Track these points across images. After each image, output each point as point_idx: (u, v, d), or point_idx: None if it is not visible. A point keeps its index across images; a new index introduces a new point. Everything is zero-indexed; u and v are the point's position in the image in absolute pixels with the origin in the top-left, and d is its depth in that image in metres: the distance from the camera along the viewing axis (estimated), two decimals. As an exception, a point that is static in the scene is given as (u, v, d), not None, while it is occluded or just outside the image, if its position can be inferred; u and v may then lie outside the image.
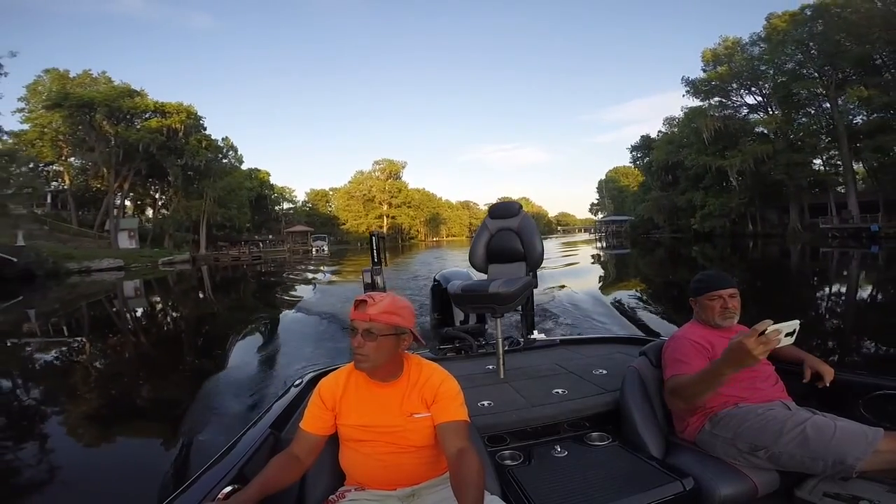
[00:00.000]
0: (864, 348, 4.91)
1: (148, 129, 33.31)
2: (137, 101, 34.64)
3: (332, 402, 1.19)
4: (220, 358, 5.43)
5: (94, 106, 31.78)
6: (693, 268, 14.67)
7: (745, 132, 28.25)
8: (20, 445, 3.46)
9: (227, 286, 17.95)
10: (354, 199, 69.74)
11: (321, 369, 2.17)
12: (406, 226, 72.14)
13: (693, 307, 1.69)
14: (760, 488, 1.28)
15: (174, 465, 2.72)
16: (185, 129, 35.46)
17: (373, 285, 3.70)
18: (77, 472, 3.00)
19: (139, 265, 26.49)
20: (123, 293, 15.91)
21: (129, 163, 34.20)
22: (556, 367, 2.39)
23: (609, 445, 1.60)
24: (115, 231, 32.95)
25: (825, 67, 25.55)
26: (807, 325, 4.19)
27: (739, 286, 1.63)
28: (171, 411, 3.83)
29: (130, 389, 4.74)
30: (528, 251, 2.58)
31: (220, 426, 3.29)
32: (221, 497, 1.05)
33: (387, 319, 1.11)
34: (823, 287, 10.06)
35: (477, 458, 1.04)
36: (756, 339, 1.16)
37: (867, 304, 7.38)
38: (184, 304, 12.74)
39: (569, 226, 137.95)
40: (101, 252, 27.19)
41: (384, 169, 71.92)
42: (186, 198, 37.33)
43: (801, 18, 26.11)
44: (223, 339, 6.73)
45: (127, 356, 6.35)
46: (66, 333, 8.41)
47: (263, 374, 4.60)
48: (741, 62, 28.77)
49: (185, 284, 19.31)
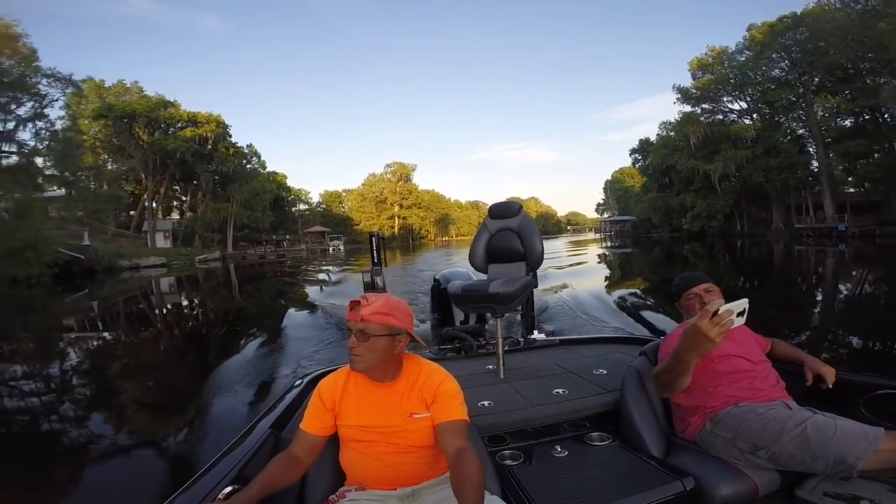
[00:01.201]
0: (807, 331, 5.73)
1: (183, 138, 36.57)
2: (172, 111, 38.03)
3: (332, 403, 1.20)
4: (273, 327, 7.24)
5: (134, 116, 35.13)
6: (685, 265, 16.12)
7: (728, 138, 30.24)
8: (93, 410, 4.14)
9: (267, 277, 20.67)
10: (367, 201, 72.91)
11: (321, 370, 2.21)
12: (417, 226, 75.07)
13: (679, 311, 1.75)
14: (761, 488, 1.28)
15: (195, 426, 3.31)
16: (215, 137, 38.93)
17: (372, 285, 3.77)
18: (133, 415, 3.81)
19: (178, 263, 29.47)
20: (180, 286, 18.76)
21: (164, 169, 37.64)
22: (556, 367, 2.39)
23: (609, 445, 1.61)
24: (152, 232, 36.12)
25: (802, 77, 27.56)
26: (769, 313, 5.78)
27: (719, 279, 2.67)
28: (237, 355, 5.33)
29: (201, 361, 5.72)
30: (528, 251, 2.59)
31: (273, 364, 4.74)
32: (222, 497, 1.06)
33: (380, 320, 1.13)
34: (785, 278, 12.12)
35: (477, 458, 1.04)
36: (709, 320, 1.18)
37: (822, 296, 8.75)
38: (241, 292, 15.50)
39: (579, 225, 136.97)
40: (146, 251, 30.55)
41: (395, 172, 74.99)
42: (214, 201, 40.71)
43: (779, 28, 28.03)
44: (273, 313, 9.26)
45: (191, 336, 7.90)
46: (147, 319, 10.44)
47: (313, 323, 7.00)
48: (721, 73, 30.89)
49: (235, 276, 22.05)
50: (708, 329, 1.17)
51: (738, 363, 1.51)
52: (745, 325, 1.44)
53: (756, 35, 29.17)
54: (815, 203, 28.64)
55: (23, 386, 4.96)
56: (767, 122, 29.23)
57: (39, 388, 4.89)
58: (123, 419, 3.86)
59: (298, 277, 19.42)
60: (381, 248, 4.06)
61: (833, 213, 26.84)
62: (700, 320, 1.19)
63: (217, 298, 13.99)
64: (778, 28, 28.05)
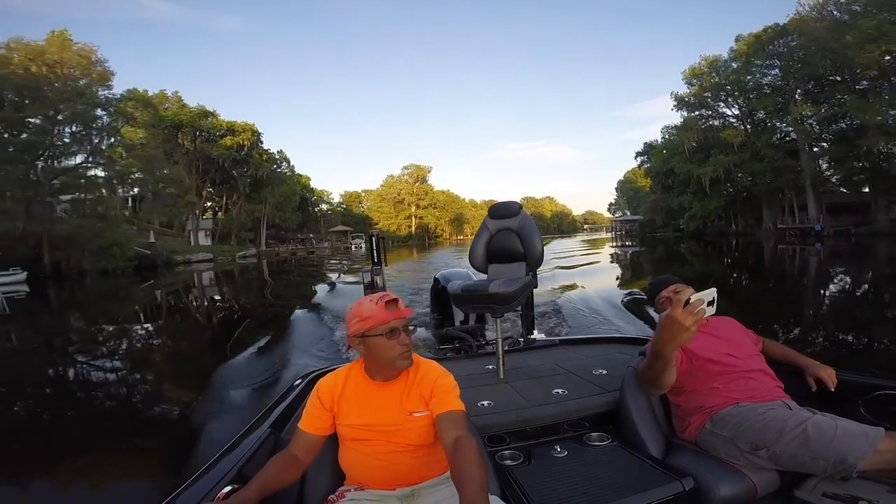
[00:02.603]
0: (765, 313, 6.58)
1: (224, 146, 40.89)
2: (212, 121, 42.32)
3: (331, 403, 1.21)
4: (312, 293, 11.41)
5: (181, 126, 39.48)
6: (682, 262, 17.60)
7: (718, 143, 32.44)
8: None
9: (304, 266, 24.63)
10: (386, 201, 77.14)
11: (320, 369, 2.23)
12: (432, 225, 79.00)
13: (657, 313, 1.80)
14: (760, 488, 1.29)
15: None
16: (250, 144, 43.09)
17: (372, 285, 3.77)
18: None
19: (222, 258, 33.70)
20: (236, 275, 22.07)
21: (206, 174, 41.98)
22: (555, 367, 2.39)
23: (609, 445, 1.61)
24: (195, 231, 40.33)
25: (787, 85, 29.68)
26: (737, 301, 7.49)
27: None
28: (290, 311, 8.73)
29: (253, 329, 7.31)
30: (527, 251, 2.59)
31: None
32: (221, 497, 1.06)
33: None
34: (757, 272, 13.86)
35: (475, 445, 1.04)
36: (682, 310, 1.19)
37: (785, 286, 10.43)
38: (293, 273, 19.86)
39: (596, 224, 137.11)
40: (194, 248, 34.74)
41: (412, 174, 79.11)
42: (248, 202, 44.85)
43: (764, 39, 30.02)
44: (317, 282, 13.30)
45: (241, 311, 10.55)
46: (214, 299, 14.24)
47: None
48: (710, 83, 33.26)
49: (279, 266, 26.01)
50: (683, 318, 1.19)
51: (729, 361, 1.53)
52: (736, 321, 1.60)
53: (741, 48, 31.40)
54: (802, 204, 30.66)
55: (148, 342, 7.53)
56: (755, 128, 31.45)
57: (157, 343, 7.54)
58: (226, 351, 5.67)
59: (323, 268, 23.17)
60: (381, 248, 4.10)
61: (817, 214, 28.93)
62: (673, 310, 1.21)
63: (280, 280, 17.99)
64: (763, 38, 30.11)
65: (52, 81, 21.99)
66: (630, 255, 22.75)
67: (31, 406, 4.38)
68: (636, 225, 56.29)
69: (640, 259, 20.46)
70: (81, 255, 21.47)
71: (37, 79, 21.33)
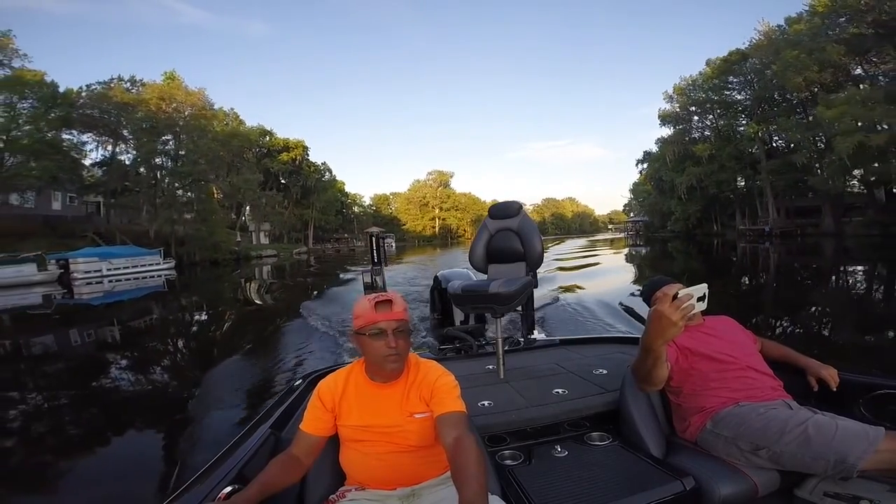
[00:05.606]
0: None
1: (281, 161, 49.74)
2: (270, 139, 50.99)
3: (332, 404, 1.21)
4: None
5: (249, 142, 48.18)
6: (673, 259, 20.16)
7: (692, 156, 37.79)
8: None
9: (349, 257, 31.80)
10: (412, 204, 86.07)
11: (321, 370, 2.25)
12: (454, 226, 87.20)
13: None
14: (761, 488, 1.29)
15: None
16: (301, 158, 51.82)
17: (372, 285, 3.86)
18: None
19: (284, 254, 42.01)
20: (306, 264, 29.88)
21: (265, 184, 50.70)
22: (556, 367, 2.40)
23: (609, 445, 1.62)
24: (258, 231, 49.16)
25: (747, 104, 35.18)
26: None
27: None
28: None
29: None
30: (527, 251, 2.60)
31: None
32: (221, 497, 1.07)
33: (408, 316, 1.19)
34: (710, 263, 17.74)
35: (475, 445, 1.04)
36: (670, 304, 1.20)
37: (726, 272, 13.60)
38: (344, 262, 27.03)
39: (620, 224, 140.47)
40: (261, 246, 43.39)
41: (436, 179, 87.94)
42: (297, 207, 53.45)
43: (730, 61, 35.13)
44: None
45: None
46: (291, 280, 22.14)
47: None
48: (684, 102, 38.86)
49: (330, 259, 33.37)
50: (670, 313, 1.20)
51: (726, 359, 1.55)
52: (733, 320, 1.62)
53: (708, 72, 36.96)
54: (779, 207, 35.63)
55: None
56: (721, 142, 36.82)
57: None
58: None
59: (364, 260, 30.54)
60: (381, 248, 4.05)
61: (775, 216, 34.27)
62: (661, 304, 1.22)
63: (334, 263, 25.23)
64: (730, 61, 35.32)
65: (177, 120, 30.51)
66: (627, 255, 25.23)
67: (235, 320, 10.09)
68: (642, 225, 61.68)
69: (633, 259, 22.91)
70: (196, 249, 29.83)
71: (172, 117, 29.90)
